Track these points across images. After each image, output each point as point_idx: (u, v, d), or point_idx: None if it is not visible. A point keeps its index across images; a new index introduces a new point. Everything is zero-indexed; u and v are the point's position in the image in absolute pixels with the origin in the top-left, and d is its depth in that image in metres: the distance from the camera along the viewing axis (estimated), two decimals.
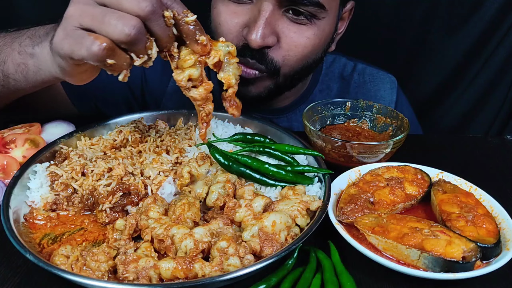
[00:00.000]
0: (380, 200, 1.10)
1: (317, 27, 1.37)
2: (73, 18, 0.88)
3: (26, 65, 1.10)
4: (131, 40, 0.85)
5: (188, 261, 0.88)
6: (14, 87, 1.18)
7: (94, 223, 1.08)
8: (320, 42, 1.42)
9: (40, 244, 1.00)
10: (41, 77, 1.09)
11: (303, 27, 1.35)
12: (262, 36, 1.28)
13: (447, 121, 2.51)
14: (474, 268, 0.92)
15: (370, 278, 0.97)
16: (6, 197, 1.04)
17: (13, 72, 1.14)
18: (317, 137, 1.31)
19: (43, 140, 1.30)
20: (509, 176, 1.37)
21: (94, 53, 0.85)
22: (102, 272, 0.88)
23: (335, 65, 1.80)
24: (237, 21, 1.35)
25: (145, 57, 0.90)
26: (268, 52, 1.36)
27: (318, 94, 1.75)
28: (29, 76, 1.12)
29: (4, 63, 1.15)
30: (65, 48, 0.89)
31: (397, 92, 1.81)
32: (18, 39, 1.14)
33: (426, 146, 1.54)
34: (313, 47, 1.40)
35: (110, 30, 0.84)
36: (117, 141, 1.26)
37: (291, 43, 1.36)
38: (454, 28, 2.30)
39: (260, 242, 0.94)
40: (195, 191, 1.10)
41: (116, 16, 0.84)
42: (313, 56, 1.45)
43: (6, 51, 1.15)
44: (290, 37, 1.35)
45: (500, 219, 1.06)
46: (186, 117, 1.44)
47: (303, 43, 1.37)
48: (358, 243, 0.97)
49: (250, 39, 1.29)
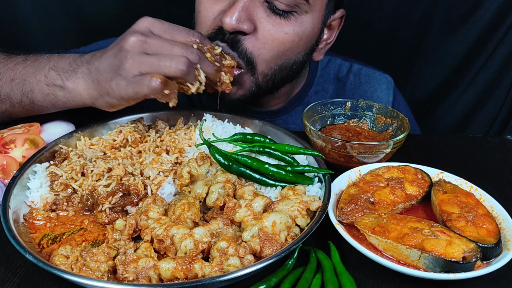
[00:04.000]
0: (380, 200, 1.10)
1: (298, 23, 1.34)
2: (133, 69, 1.08)
3: (56, 96, 1.22)
4: (184, 74, 1.09)
5: (187, 262, 0.87)
6: (38, 110, 1.30)
7: (93, 223, 1.08)
8: (301, 41, 1.38)
9: (40, 244, 1.00)
10: (72, 105, 1.23)
11: (283, 21, 1.32)
12: (237, 18, 1.26)
13: (447, 121, 2.51)
14: (475, 268, 0.92)
15: (370, 278, 0.97)
16: (5, 197, 1.04)
17: (41, 100, 1.25)
18: (317, 137, 1.31)
19: (43, 140, 1.30)
20: (509, 176, 1.37)
21: (153, 88, 1.07)
22: (102, 272, 0.88)
23: (330, 66, 1.78)
24: (216, 8, 1.33)
25: (197, 83, 1.15)
26: (243, 40, 1.32)
27: (314, 96, 1.74)
28: (58, 105, 1.24)
29: (32, 92, 1.25)
30: (130, 93, 1.09)
31: (394, 92, 1.80)
32: (42, 71, 1.24)
33: (426, 146, 1.54)
34: (291, 44, 1.36)
35: (167, 71, 1.07)
36: (117, 141, 1.26)
37: (267, 35, 1.32)
38: (454, 28, 2.30)
39: (260, 243, 0.94)
40: (195, 191, 1.09)
41: (169, 58, 1.07)
42: (293, 56, 1.41)
43: (31, 81, 1.25)
44: (267, 29, 1.31)
45: (500, 219, 1.05)
46: (186, 117, 1.44)
47: (281, 38, 1.33)
48: (358, 243, 0.97)
49: (224, 21, 1.26)
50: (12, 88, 1.28)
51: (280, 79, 1.46)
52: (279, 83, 1.48)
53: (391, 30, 2.35)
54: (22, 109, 1.30)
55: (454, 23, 2.29)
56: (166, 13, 2.17)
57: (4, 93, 1.29)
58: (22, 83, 1.26)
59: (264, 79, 1.42)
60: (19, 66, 1.28)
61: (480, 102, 2.41)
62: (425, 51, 2.40)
